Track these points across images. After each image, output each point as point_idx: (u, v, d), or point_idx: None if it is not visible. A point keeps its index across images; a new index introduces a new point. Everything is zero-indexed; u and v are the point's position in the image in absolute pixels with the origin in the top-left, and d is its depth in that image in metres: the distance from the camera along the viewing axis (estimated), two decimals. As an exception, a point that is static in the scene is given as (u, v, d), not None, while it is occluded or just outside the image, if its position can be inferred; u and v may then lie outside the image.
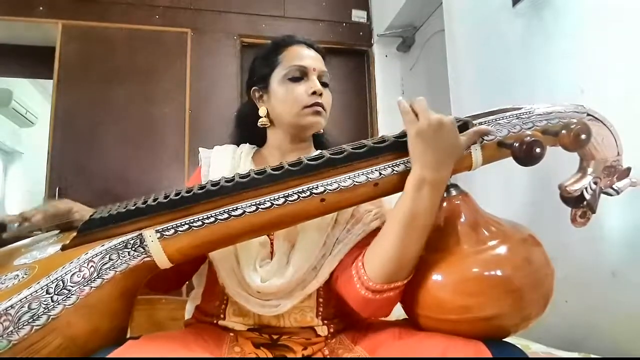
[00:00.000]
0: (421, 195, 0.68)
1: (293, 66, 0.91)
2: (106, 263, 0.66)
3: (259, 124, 0.95)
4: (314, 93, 0.89)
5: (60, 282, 0.64)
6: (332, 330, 0.84)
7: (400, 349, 0.68)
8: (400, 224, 0.68)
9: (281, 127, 0.94)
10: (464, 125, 0.72)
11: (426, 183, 0.68)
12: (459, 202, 0.73)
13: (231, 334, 0.82)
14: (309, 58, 0.93)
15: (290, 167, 0.70)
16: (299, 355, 0.80)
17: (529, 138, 0.66)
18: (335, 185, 0.69)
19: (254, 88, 0.97)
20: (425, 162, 0.68)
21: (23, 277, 0.66)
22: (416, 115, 0.69)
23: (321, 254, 0.81)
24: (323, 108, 0.91)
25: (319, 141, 1.00)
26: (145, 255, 0.67)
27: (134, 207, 0.70)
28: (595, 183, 0.78)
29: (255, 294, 0.80)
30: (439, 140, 0.67)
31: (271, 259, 0.82)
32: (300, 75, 0.91)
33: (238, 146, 1.00)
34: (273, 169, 0.71)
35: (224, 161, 0.94)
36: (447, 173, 0.69)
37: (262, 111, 0.95)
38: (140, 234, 0.67)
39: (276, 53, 0.95)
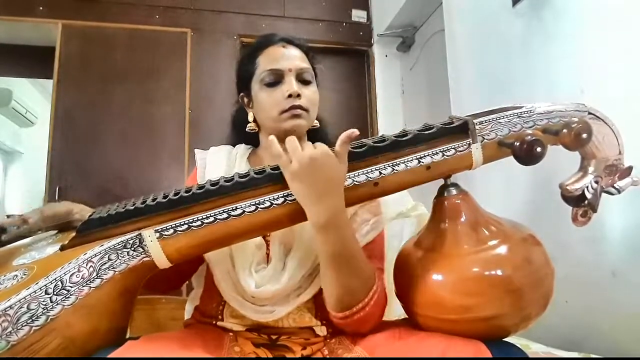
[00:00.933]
0: (329, 238, 0.68)
1: (266, 71, 0.89)
2: (105, 263, 0.66)
3: (247, 129, 0.95)
4: (290, 96, 0.87)
5: (59, 283, 0.63)
6: (331, 330, 0.84)
7: (400, 349, 0.68)
8: (326, 266, 0.70)
9: (267, 130, 0.92)
10: (463, 125, 0.72)
11: (322, 227, 0.67)
12: (459, 201, 0.73)
13: (231, 334, 0.82)
14: (284, 59, 0.90)
15: (289, 167, 0.70)
16: (298, 355, 0.80)
17: (529, 137, 0.66)
18: (334, 185, 0.68)
19: (241, 94, 0.97)
20: (312, 204, 0.66)
21: (22, 277, 0.66)
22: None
23: (317, 262, 0.80)
24: (303, 108, 0.88)
25: (315, 136, 0.98)
26: (144, 255, 0.67)
27: (133, 207, 0.70)
28: (597, 182, 0.77)
29: (250, 299, 0.80)
30: (313, 176, 0.65)
31: (267, 262, 0.82)
32: (275, 79, 0.89)
33: (234, 147, 0.99)
34: (272, 169, 0.70)
35: (219, 162, 0.93)
36: (338, 201, 0.67)
37: (250, 116, 0.95)
38: (140, 234, 0.67)
39: (254, 57, 0.93)
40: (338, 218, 0.67)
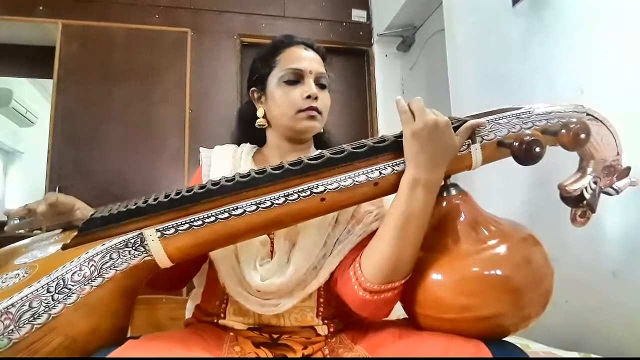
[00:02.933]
0: (415, 196, 0.68)
1: (289, 69, 0.91)
2: (107, 262, 0.66)
3: (256, 124, 0.95)
4: (308, 97, 0.89)
5: (61, 281, 0.64)
6: (332, 329, 0.84)
7: (400, 349, 0.68)
8: (395, 225, 0.69)
9: (278, 128, 0.94)
10: (462, 125, 0.72)
11: (420, 184, 0.68)
12: (458, 201, 0.73)
13: (231, 334, 0.82)
14: (306, 60, 0.92)
15: (290, 167, 0.70)
16: (299, 355, 0.80)
17: (528, 137, 0.66)
18: (335, 185, 0.69)
19: (252, 89, 0.98)
20: (419, 163, 0.68)
21: (24, 276, 0.66)
22: (413, 115, 0.69)
23: (321, 253, 0.81)
24: (318, 111, 0.90)
25: (319, 141, 1.00)
26: (145, 255, 0.67)
27: (134, 207, 0.70)
28: (595, 182, 0.78)
29: (255, 292, 0.80)
30: (433, 141, 0.68)
31: (271, 258, 0.83)
32: (296, 78, 0.91)
33: (239, 146, 1.00)
34: (273, 169, 0.71)
35: (224, 161, 0.94)
36: (441, 174, 0.70)
37: (259, 112, 0.95)
38: (141, 233, 0.68)
39: (274, 54, 0.94)
40: (435, 185, 0.69)
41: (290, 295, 0.80)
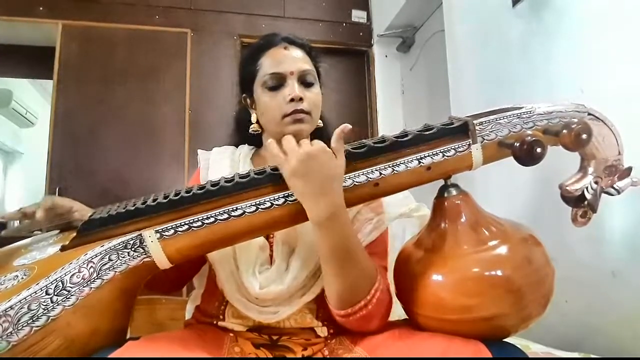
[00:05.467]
0: (325, 234, 0.68)
1: (268, 75, 0.88)
2: (106, 264, 0.66)
3: (250, 130, 0.94)
4: (292, 100, 0.86)
5: (60, 283, 0.64)
6: (332, 330, 0.84)
7: (400, 349, 0.68)
8: (326, 262, 0.70)
9: (270, 134, 0.91)
10: (463, 125, 0.72)
11: (321, 223, 0.67)
12: (459, 202, 0.73)
13: (231, 335, 0.82)
14: (286, 61, 0.89)
15: (290, 167, 0.70)
16: (299, 356, 0.80)
17: (529, 138, 0.66)
18: (335, 185, 0.69)
19: (243, 95, 0.96)
20: (309, 204, 0.67)
21: (22, 277, 0.66)
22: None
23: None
24: (305, 112, 0.87)
25: (318, 137, 0.98)
26: (144, 256, 0.67)
27: (133, 208, 0.70)
28: (596, 183, 0.77)
29: (254, 299, 0.80)
30: (313, 172, 0.66)
31: (270, 263, 0.82)
32: (277, 82, 0.88)
33: (237, 147, 0.99)
34: (273, 169, 0.71)
35: (223, 163, 0.93)
36: (338, 196, 0.68)
37: (253, 117, 0.94)
38: (140, 235, 0.67)
39: (256, 59, 0.92)
40: (337, 214, 0.67)
41: (289, 303, 0.80)
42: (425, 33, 2.65)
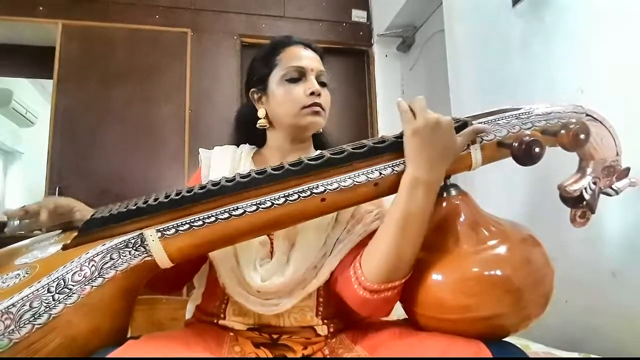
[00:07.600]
0: (415, 196, 0.68)
1: (291, 67, 0.91)
2: (107, 262, 0.66)
3: (257, 125, 0.95)
4: (312, 93, 0.89)
5: (62, 281, 0.64)
6: (332, 329, 0.84)
7: (400, 349, 0.69)
8: (395, 224, 0.69)
9: (281, 128, 0.94)
10: (463, 125, 0.72)
11: (420, 183, 0.68)
12: (458, 202, 0.73)
13: (231, 334, 0.82)
14: (307, 58, 0.93)
15: (290, 167, 0.70)
16: (299, 355, 0.80)
17: (528, 138, 0.66)
18: (335, 185, 0.69)
19: (252, 90, 0.97)
20: (420, 162, 0.68)
21: (24, 276, 0.66)
22: (414, 114, 0.69)
23: (321, 253, 0.81)
24: (322, 108, 0.91)
25: (318, 141, 1.00)
26: (146, 255, 0.67)
27: (134, 207, 0.70)
28: (595, 183, 0.78)
29: (255, 293, 0.80)
30: (435, 140, 0.68)
31: (271, 258, 0.83)
32: (298, 76, 0.91)
33: (238, 147, 1.00)
34: (273, 169, 0.71)
35: (224, 162, 0.94)
36: (442, 173, 0.70)
37: (260, 112, 0.95)
38: (141, 234, 0.68)
39: (274, 54, 0.95)
40: (435, 184, 0.69)
41: (290, 295, 0.80)
42: (425, 33, 2.65)
